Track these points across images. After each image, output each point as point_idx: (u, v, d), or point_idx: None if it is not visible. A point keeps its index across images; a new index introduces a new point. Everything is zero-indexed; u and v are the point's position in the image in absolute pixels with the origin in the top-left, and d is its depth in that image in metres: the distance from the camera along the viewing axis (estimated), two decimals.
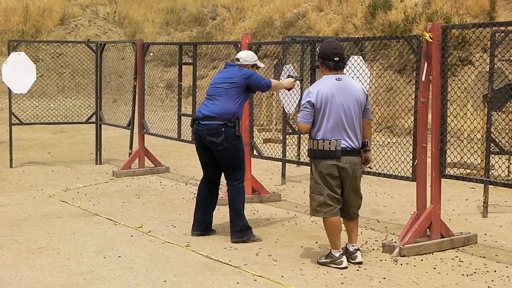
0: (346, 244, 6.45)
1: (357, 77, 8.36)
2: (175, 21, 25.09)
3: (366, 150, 6.34)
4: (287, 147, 9.51)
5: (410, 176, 7.03)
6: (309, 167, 6.47)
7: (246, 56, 7.37)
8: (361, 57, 9.22)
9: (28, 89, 11.60)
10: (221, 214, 7.94)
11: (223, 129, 7.00)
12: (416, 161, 6.88)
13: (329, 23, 19.82)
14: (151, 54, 20.96)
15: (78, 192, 9.65)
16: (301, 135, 10.87)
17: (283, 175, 10.42)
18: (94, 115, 12.26)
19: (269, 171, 11.35)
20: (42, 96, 14.71)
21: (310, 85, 8.26)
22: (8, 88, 11.64)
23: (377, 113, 12.36)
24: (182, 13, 25.26)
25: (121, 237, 7.25)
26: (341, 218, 6.35)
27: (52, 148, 14.05)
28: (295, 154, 10.83)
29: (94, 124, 12.28)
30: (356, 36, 14.68)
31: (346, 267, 6.21)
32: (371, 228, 7.70)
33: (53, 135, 15.87)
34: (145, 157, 11.23)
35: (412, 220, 6.82)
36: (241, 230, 7.09)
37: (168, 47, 20.79)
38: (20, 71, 11.42)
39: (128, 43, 14.69)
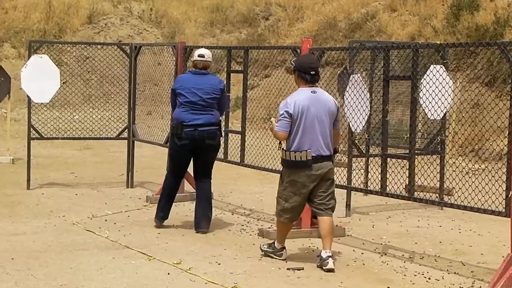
0: (321, 252, 7.65)
1: (439, 90, 8.29)
2: (221, 21, 25.27)
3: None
4: (353, 172, 9.45)
5: (503, 210, 6.91)
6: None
7: (209, 54, 9.31)
8: (443, 67, 9.17)
9: (51, 98, 11.74)
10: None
11: (218, 133, 9.20)
12: (511, 193, 6.76)
13: (404, 25, 19.73)
14: (192, 58, 21.12)
15: (106, 220, 9.72)
16: (369, 158, 10.83)
17: (348, 205, 10.35)
18: (126, 130, 12.35)
19: None
20: (66, 107, 14.95)
21: (383, 98, 8.33)
22: (28, 96, 11.79)
23: (462, 134, 12.21)
24: (229, 11, 25.43)
25: (156, 275, 7.26)
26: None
27: (76, 167, 14.20)
28: (362, 181, 10.75)
29: (126, 140, 12.37)
30: (437, 42, 14.57)
31: (285, 260, 7.78)
32: (454, 272, 7.59)
33: (78, 152, 16.04)
34: (185, 180, 11.24)
35: (506, 263, 6.69)
36: (209, 222, 9.20)
37: (213, 51, 20.90)
38: (41, 77, 11.54)
39: (166, 46, 14.80)
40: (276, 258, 7.86)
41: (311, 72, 7.68)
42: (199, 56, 9.25)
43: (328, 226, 7.61)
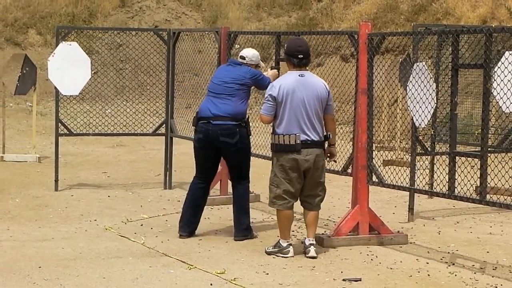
0: (304, 238, 8.56)
1: None
2: (268, 3, 25.27)
3: (330, 144, 8.61)
4: (417, 172, 9.41)
5: None
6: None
7: (252, 55, 9.36)
8: None
9: (80, 89, 11.85)
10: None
11: (237, 129, 9.04)
12: None
13: (474, 7, 19.56)
14: (236, 46, 21.15)
15: (141, 225, 9.81)
16: (435, 157, 10.77)
17: (411, 209, 10.31)
18: (163, 125, 12.42)
19: (391, 203, 11.25)
20: (97, 99, 15.06)
21: (451, 89, 8.29)
22: (55, 88, 11.91)
23: None
24: None
25: (198, 286, 7.30)
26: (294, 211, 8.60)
27: (109, 166, 14.31)
28: (427, 182, 10.70)
29: (163, 137, 12.45)
30: None
31: (292, 256, 8.25)
32: None
33: (110, 150, 16.17)
34: (229, 181, 11.28)
35: None
36: (246, 229, 9.22)
37: (259, 37, 20.89)
38: (70, 67, 11.65)
39: (208, 32, 14.87)
40: (282, 257, 8.29)
41: (299, 56, 8.41)
42: (240, 57, 9.40)
43: (313, 218, 8.53)
